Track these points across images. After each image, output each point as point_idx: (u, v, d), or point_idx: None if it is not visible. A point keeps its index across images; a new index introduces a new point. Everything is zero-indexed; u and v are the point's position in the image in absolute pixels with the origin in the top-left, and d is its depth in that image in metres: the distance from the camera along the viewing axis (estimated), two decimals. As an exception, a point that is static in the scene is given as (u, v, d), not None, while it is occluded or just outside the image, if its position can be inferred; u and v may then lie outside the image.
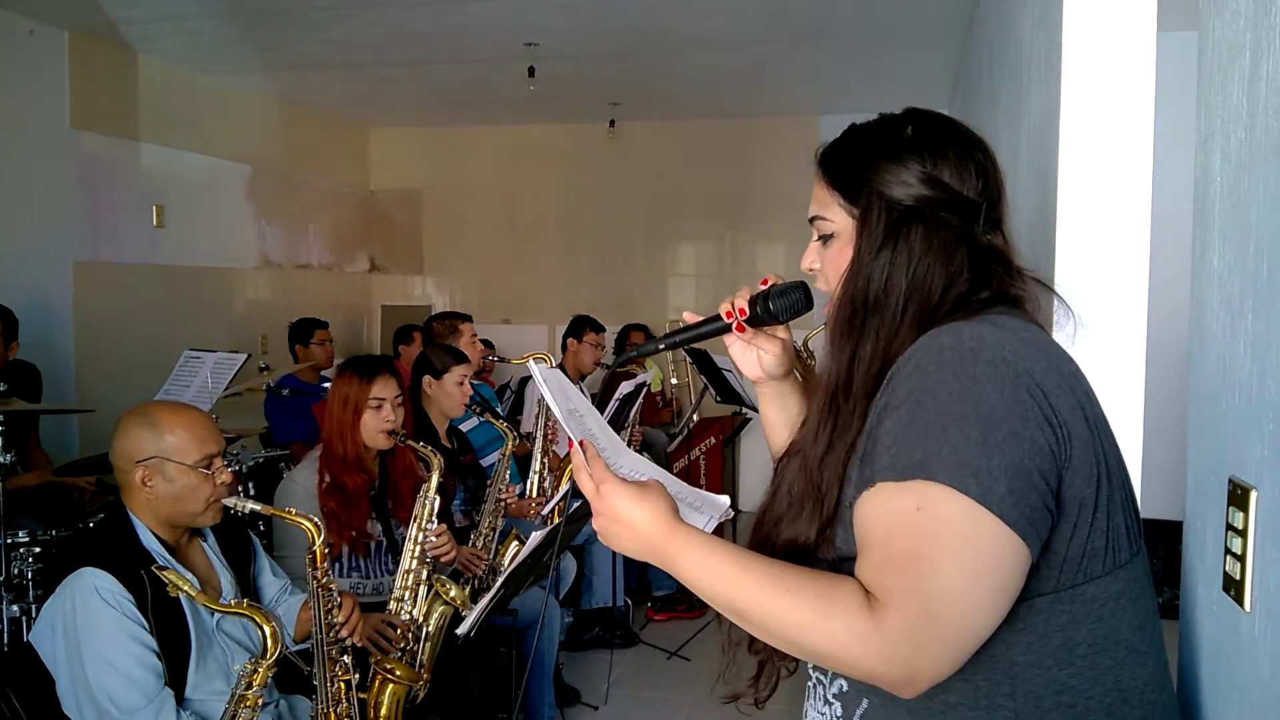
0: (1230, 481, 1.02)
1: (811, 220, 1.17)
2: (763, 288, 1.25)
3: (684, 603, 4.82)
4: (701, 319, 1.29)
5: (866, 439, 1.02)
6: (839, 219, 1.13)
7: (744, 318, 1.25)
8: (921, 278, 1.06)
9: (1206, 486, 1.12)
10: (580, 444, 1.09)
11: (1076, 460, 0.97)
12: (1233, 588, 1.01)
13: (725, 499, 1.19)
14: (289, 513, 2.15)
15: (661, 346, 1.31)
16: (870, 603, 0.91)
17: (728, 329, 1.27)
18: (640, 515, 1.04)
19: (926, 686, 0.91)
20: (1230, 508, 1.01)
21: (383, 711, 2.43)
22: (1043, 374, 0.97)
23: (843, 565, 1.02)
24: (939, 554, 0.91)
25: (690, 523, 1.07)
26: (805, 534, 1.06)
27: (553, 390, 1.10)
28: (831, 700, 1.12)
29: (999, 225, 1.12)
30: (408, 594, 2.63)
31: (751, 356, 1.30)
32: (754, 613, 0.97)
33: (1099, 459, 0.99)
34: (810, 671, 1.17)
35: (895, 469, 0.95)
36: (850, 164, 1.13)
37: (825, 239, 1.15)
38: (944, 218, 1.08)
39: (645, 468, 1.16)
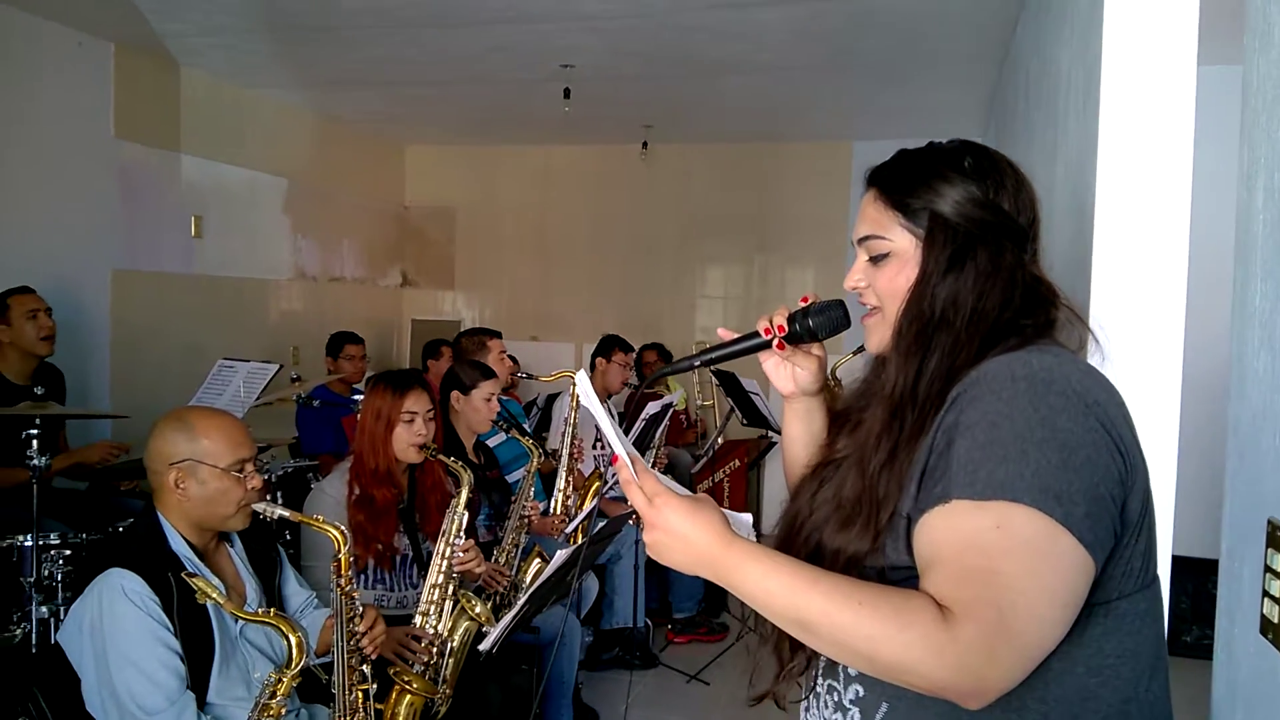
0: (1270, 523, 1.01)
1: (862, 240, 1.19)
2: (802, 304, 1.28)
3: (704, 625, 4.79)
4: (739, 335, 1.31)
5: (931, 455, 1.04)
6: (899, 239, 1.15)
7: (783, 335, 1.27)
8: (984, 299, 1.10)
9: (1245, 527, 1.10)
10: (629, 458, 1.09)
11: (1136, 485, 1.02)
12: (1270, 631, 0.99)
13: (748, 517, 1.19)
14: (316, 519, 2.17)
15: (698, 363, 1.32)
16: (945, 615, 0.93)
17: (766, 345, 1.28)
18: (694, 530, 1.04)
19: (994, 698, 0.93)
20: (1269, 549, 1.00)
21: (399, 722, 2.43)
22: (1107, 404, 1.02)
23: (890, 574, 1.05)
24: (1018, 570, 0.94)
25: None
26: (858, 544, 1.08)
27: (599, 406, 1.11)
28: (848, 706, 1.12)
29: (1036, 255, 1.17)
30: (433, 608, 2.64)
31: (786, 372, 1.33)
32: (821, 626, 0.97)
33: (1146, 485, 1.04)
34: (818, 678, 1.18)
35: (974, 488, 0.97)
36: (913, 186, 1.15)
37: (877, 259, 1.17)
38: (1004, 244, 1.13)
39: (671, 487, 1.15)
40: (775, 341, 1.27)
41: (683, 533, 1.05)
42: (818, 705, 1.18)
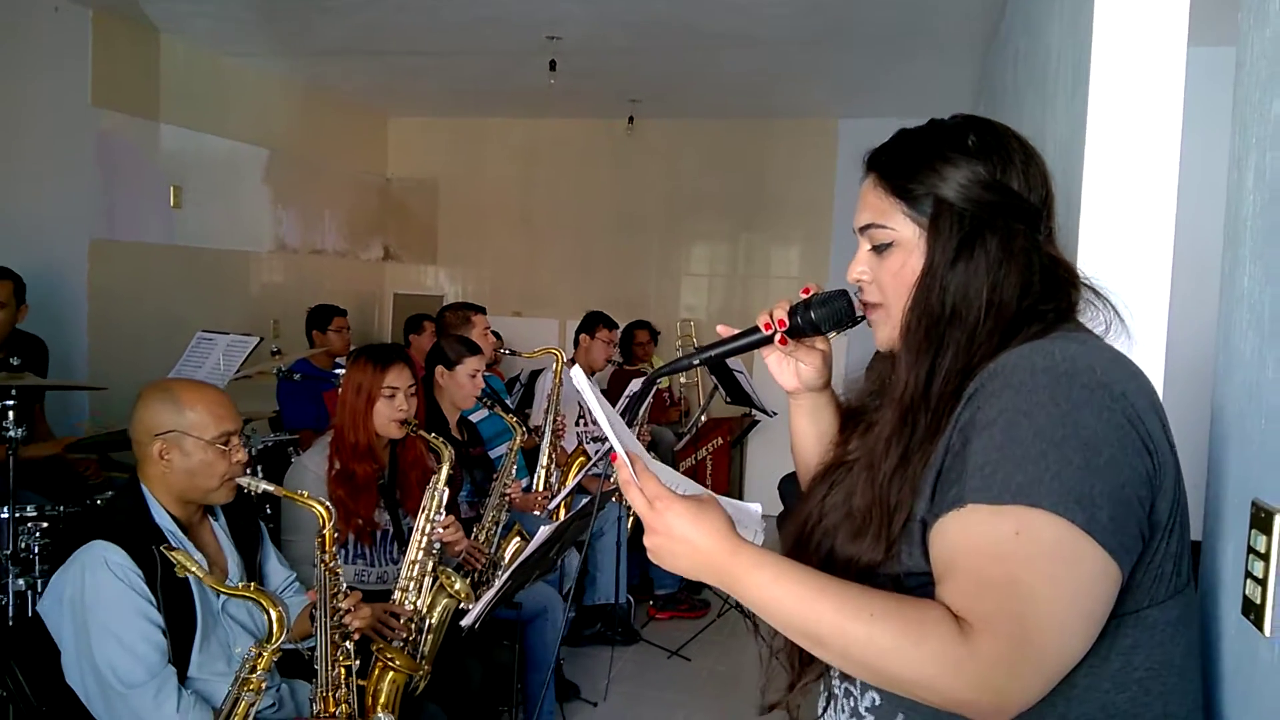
0: (1254, 504, 1.00)
1: (863, 229, 1.12)
2: (804, 296, 1.21)
3: (686, 602, 4.81)
4: (738, 332, 1.24)
5: (947, 455, 0.98)
6: (903, 228, 1.08)
7: (784, 329, 1.20)
8: (999, 288, 1.03)
9: (1228, 508, 1.10)
10: (628, 457, 1.02)
11: (1165, 485, 0.96)
12: (1253, 611, 0.99)
13: (757, 507, 1.13)
14: (301, 495, 2.15)
15: (698, 361, 1.25)
16: (962, 628, 0.87)
17: (768, 341, 1.21)
18: (698, 534, 0.98)
19: (1015, 714, 0.88)
20: (1253, 530, 1.00)
21: (381, 700, 2.42)
22: (1134, 396, 0.95)
23: (906, 580, 0.99)
24: (1039, 580, 0.88)
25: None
26: (871, 552, 1.02)
27: (596, 398, 1.04)
28: (863, 714, 1.08)
29: (1051, 234, 1.10)
30: (413, 584, 2.63)
31: (790, 368, 1.26)
32: (832, 637, 0.91)
33: (1178, 481, 0.98)
34: (835, 683, 1.13)
35: (990, 492, 0.91)
36: (914, 170, 1.07)
37: (880, 248, 1.10)
38: (1015, 226, 1.05)
39: (683, 483, 1.11)
40: (777, 337, 1.20)
41: (686, 537, 0.98)
42: (834, 709, 1.13)
